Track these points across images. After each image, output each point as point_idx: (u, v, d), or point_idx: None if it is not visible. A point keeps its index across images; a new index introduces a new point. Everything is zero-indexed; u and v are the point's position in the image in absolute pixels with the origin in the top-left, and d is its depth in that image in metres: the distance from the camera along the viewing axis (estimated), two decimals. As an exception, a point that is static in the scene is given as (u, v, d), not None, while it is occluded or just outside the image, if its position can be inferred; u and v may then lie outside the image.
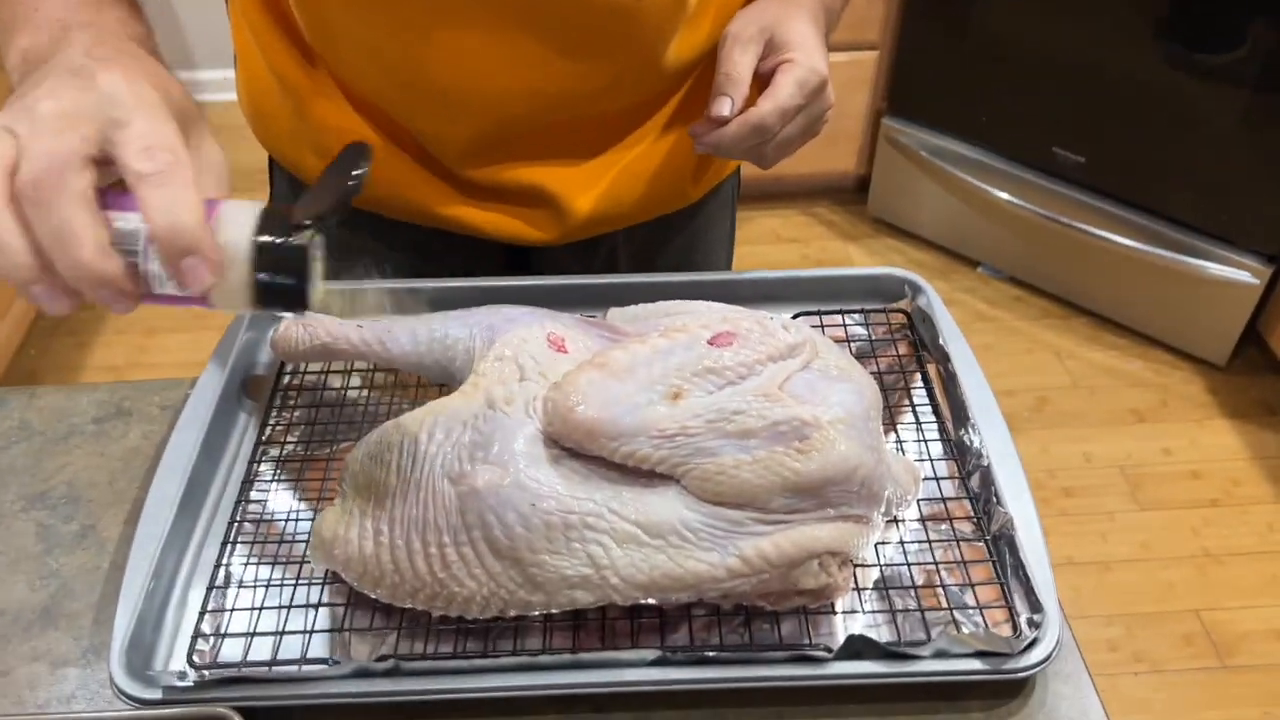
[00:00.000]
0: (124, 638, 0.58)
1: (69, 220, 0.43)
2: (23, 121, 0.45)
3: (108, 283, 0.44)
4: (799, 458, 0.56)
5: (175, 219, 0.44)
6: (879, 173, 2.37)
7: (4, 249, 0.43)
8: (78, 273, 0.44)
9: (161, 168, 0.44)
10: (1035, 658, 0.57)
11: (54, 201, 0.43)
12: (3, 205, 0.43)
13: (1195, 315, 2.05)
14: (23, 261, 0.44)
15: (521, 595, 0.57)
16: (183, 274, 0.45)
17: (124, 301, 0.46)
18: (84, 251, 0.43)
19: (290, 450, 0.71)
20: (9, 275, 0.44)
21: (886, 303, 0.81)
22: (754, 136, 0.71)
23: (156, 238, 0.44)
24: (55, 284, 0.45)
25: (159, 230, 0.44)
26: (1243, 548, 1.78)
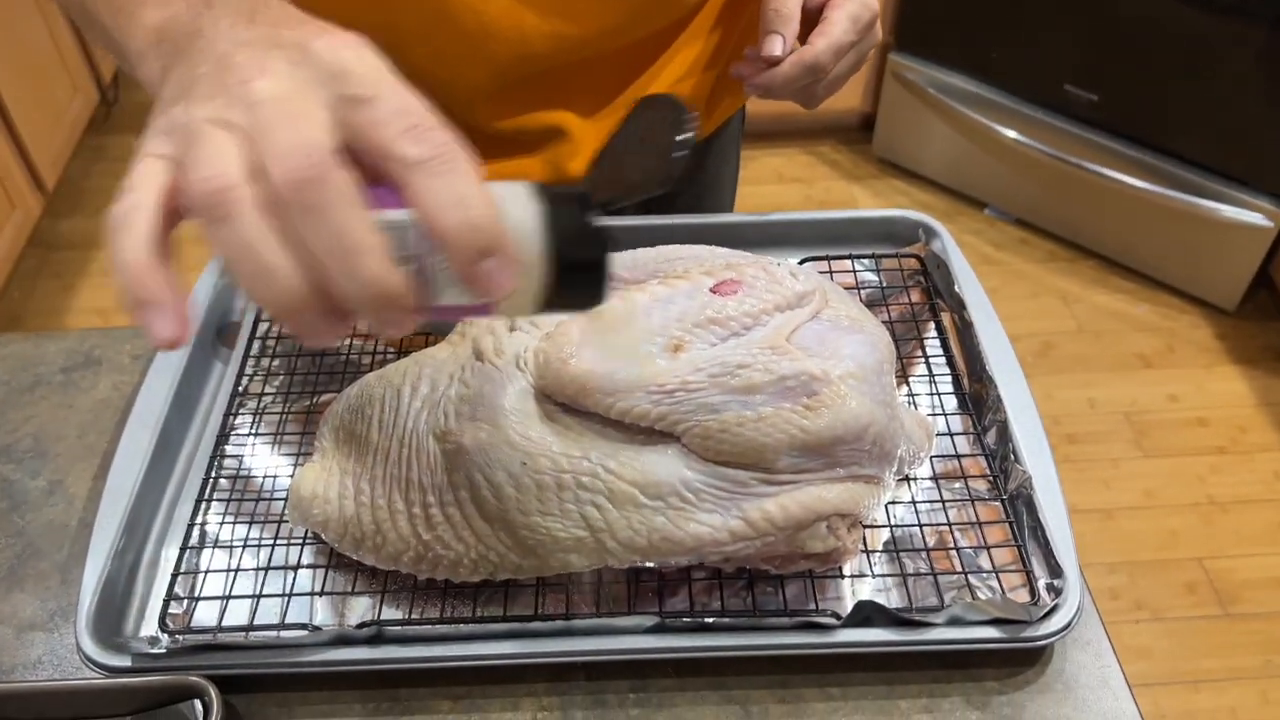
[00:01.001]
0: (92, 601, 0.55)
1: (346, 227, 0.34)
2: (237, 110, 0.36)
3: (392, 300, 0.35)
4: (807, 415, 0.53)
5: (469, 214, 0.35)
6: (885, 111, 2.31)
7: (270, 274, 0.34)
8: (362, 291, 0.35)
9: (436, 151, 0.35)
10: (1054, 625, 0.54)
11: (322, 206, 0.34)
12: (257, 220, 0.34)
13: (1205, 258, 2.01)
14: (293, 286, 0.35)
15: (512, 558, 0.54)
16: (481, 280, 0.36)
17: (406, 320, 0.36)
18: (370, 264, 0.34)
19: (268, 402, 0.68)
20: (275, 305, 0.35)
21: (898, 247, 0.77)
22: (807, 76, 0.68)
23: (447, 239, 0.35)
24: (326, 308, 0.36)
25: (450, 231, 0.35)
26: (1248, 495, 1.76)
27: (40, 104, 2.13)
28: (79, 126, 2.32)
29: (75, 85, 2.29)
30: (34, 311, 2.07)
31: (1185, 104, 1.89)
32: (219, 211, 0.34)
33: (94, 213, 2.29)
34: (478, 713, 0.55)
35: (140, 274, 0.35)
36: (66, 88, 2.26)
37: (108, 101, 2.49)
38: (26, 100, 2.05)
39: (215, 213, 0.34)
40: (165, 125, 0.38)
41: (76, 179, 2.36)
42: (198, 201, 0.35)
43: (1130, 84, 1.94)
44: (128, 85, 2.61)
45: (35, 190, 2.10)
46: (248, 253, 0.34)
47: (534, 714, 0.55)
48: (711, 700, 0.55)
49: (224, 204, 0.34)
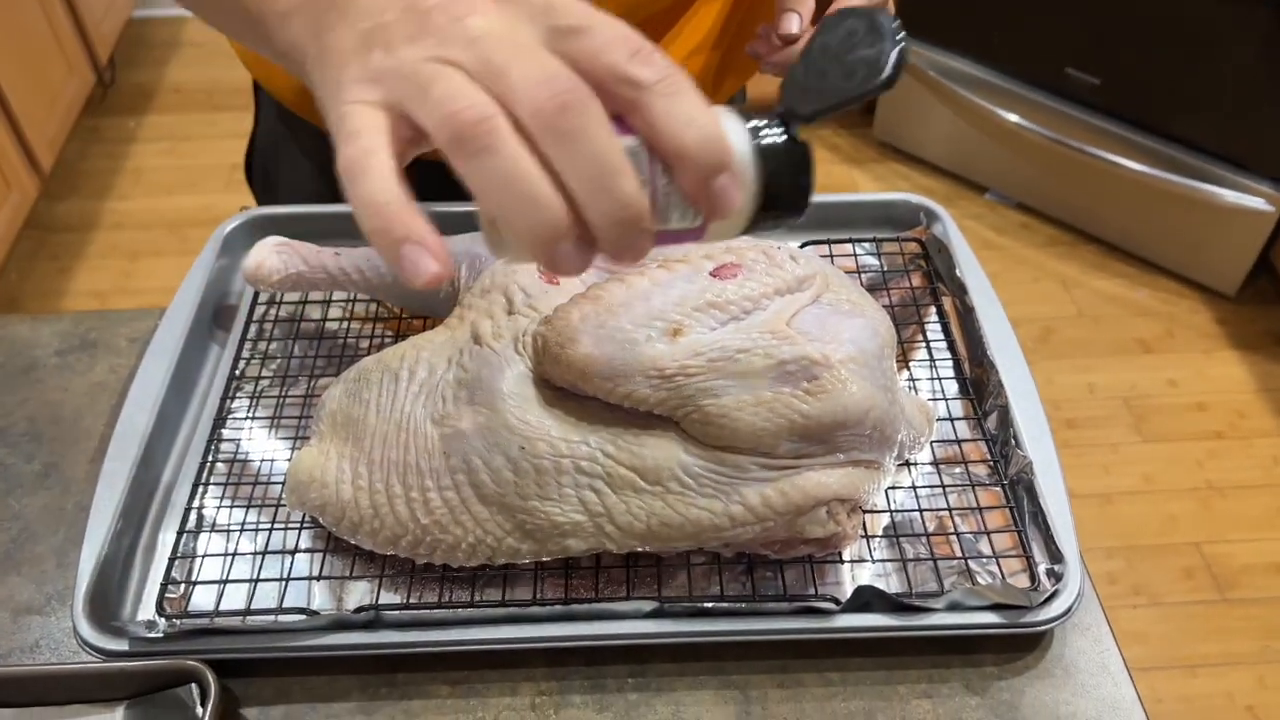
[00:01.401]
0: (88, 585, 0.55)
1: (606, 149, 0.34)
2: (456, 48, 0.36)
3: (640, 222, 0.36)
4: (807, 400, 0.52)
5: (704, 132, 0.36)
6: (886, 94, 2.29)
7: (538, 201, 0.34)
8: (617, 213, 0.35)
9: (665, 73, 0.36)
10: (1054, 611, 0.54)
11: (583, 130, 0.34)
12: (519, 147, 0.34)
13: (1206, 243, 2.00)
14: (559, 213, 0.35)
15: (510, 543, 0.54)
16: (715, 198, 0.37)
17: (646, 244, 0.37)
18: (626, 185, 0.35)
19: (265, 386, 0.67)
20: (540, 234, 0.35)
21: (899, 231, 0.76)
22: None
23: (684, 158, 0.36)
24: (582, 234, 0.36)
25: (689, 148, 0.36)
26: (1246, 481, 1.76)
27: (36, 85, 2.11)
28: (75, 108, 2.30)
29: (71, 66, 2.28)
30: (31, 294, 2.06)
31: (1187, 88, 1.88)
32: (480, 143, 0.34)
33: (90, 195, 2.28)
34: (476, 697, 0.55)
35: (396, 213, 0.35)
36: (62, 69, 2.25)
37: (104, 83, 2.48)
38: (22, 81, 2.04)
39: (475, 144, 0.34)
40: (366, 73, 0.37)
41: (73, 161, 2.34)
42: (455, 135, 0.34)
43: (1132, 68, 1.92)
44: (124, 66, 2.60)
45: (31, 172, 2.09)
46: (512, 182, 0.34)
47: (532, 699, 0.55)
48: (710, 685, 0.55)
49: (484, 134, 0.34)
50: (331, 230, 0.75)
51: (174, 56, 2.66)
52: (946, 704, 0.54)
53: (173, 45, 2.69)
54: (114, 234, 2.20)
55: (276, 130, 0.84)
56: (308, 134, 0.82)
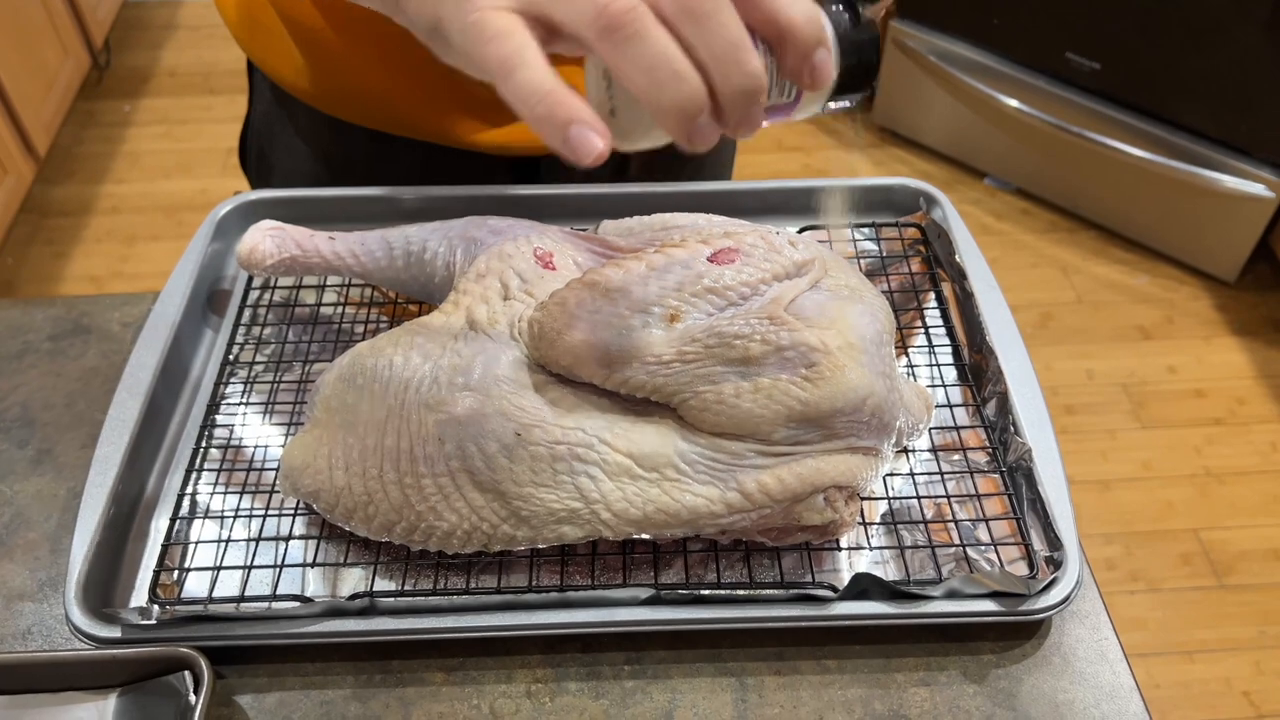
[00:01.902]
0: (81, 571, 0.55)
1: (735, 30, 0.39)
2: None
3: (760, 96, 0.40)
4: (805, 386, 0.52)
5: (808, 10, 0.40)
6: (885, 79, 2.28)
7: (683, 80, 0.38)
8: (745, 85, 0.39)
9: None
10: (1053, 598, 0.54)
11: (715, 12, 0.39)
12: (663, 32, 0.38)
13: (1206, 229, 2.00)
14: (698, 89, 0.39)
15: (505, 530, 0.53)
16: (815, 70, 0.42)
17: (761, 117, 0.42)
18: (754, 60, 0.39)
19: (259, 371, 0.67)
20: (683, 108, 0.39)
21: (898, 216, 0.75)
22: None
23: (794, 33, 0.40)
24: (714, 109, 0.40)
25: (798, 25, 0.40)
26: (1245, 467, 1.76)
27: (31, 69, 2.10)
28: (70, 91, 2.29)
29: (66, 49, 2.26)
30: (26, 279, 2.06)
31: (1188, 73, 1.87)
32: (628, 30, 0.38)
33: (86, 179, 2.27)
34: (471, 684, 0.54)
35: (560, 98, 0.39)
36: (57, 52, 2.23)
37: (99, 66, 2.46)
38: (17, 65, 2.03)
39: (625, 32, 0.38)
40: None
41: (68, 145, 2.33)
42: (607, 25, 0.38)
43: (1133, 52, 1.91)
44: (120, 49, 2.58)
45: (27, 156, 2.08)
46: (661, 62, 0.38)
47: (528, 686, 0.54)
48: (707, 672, 0.55)
49: (632, 23, 0.38)
50: (326, 214, 0.75)
51: (169, 40, 2.65)
52: (944, 692, 0.54)
53: (168, 28, 2.68)
54: (110, 218, 2.19)
55: (271, 113, 0.84)
56: (303, 115, 0.81)
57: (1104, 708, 0.53)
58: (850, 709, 0.53)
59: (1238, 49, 1.80)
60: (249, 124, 0.88)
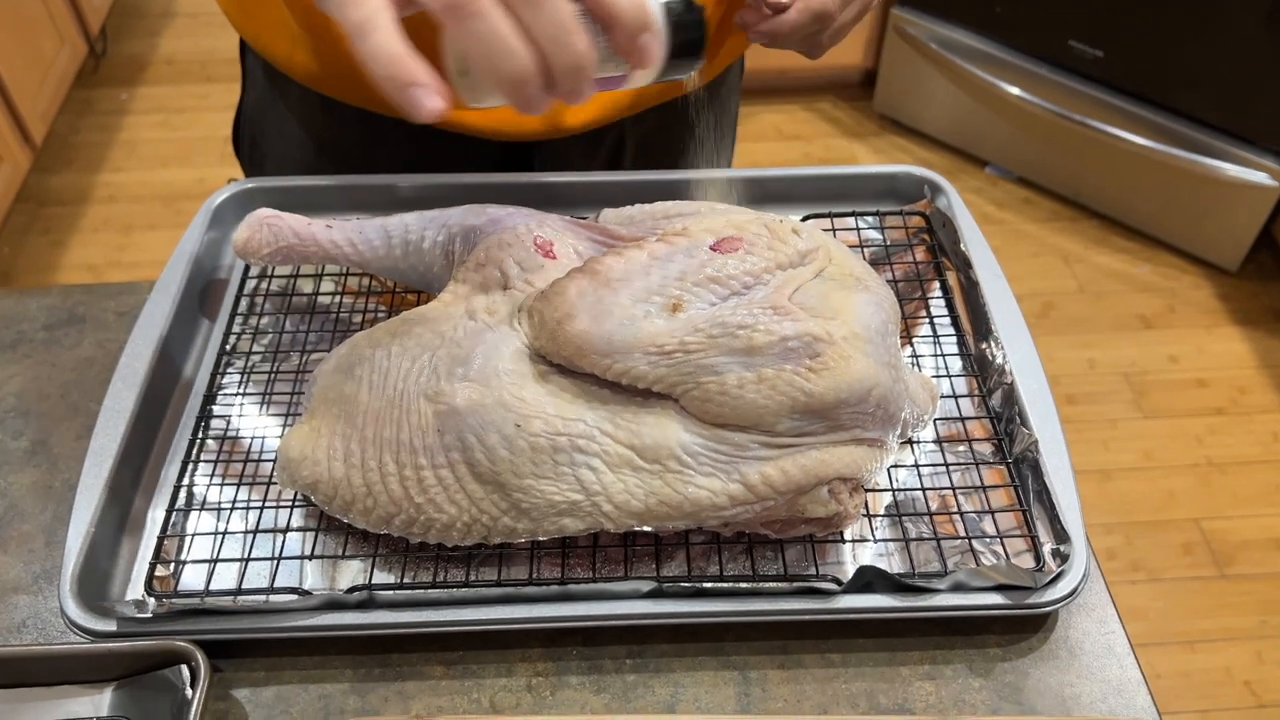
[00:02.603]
0: (76, 564, 0.54)
1: (563, 13, 0.44)
2: None
3: (588, 71, 0.45)
4: (810, 377, 0.51)
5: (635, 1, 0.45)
6: (886, 67, 2.27)
7: (514, 55, 0.43)
8: (572, 63, 0.44)
9: None
10: (1060, 592, 0.53)
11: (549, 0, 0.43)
12: (500, 11, 0.43)
13: (1208, 218, 1.99)
14: (529, 63, 0.44)
15: (505, 522, 0.53)
16: (641, 51, 0.47)
17: (590, 89, 0.46)
18: (581, 41, 0.44)
19: (256, 361, 0.66)
20: (515, 79, 0.44)
21: (903, 204, 0.75)
22: (814, 24, 0.65)
23: (620, 19, 0.46)
24: (544, 81, 0.45)
25: (622, 11, 0.45)
26: (1246, 457, 1.75)
27: (27, 57, 2.09)
28: (67, 79, 2.27)
29: (62, 37, 2.25)
30: (23, 269, 2.05)
31: (1190, 61, 1.86)
32: (469, 9, 0.42)
33: (83, 168, 2.26)
34: (471, 678, 0.54)
35: (401, 60, 0.43)
36: (54, 40, 2.22)
37: (95, 54, 2.45)
38: (13, 53, 2.01)
39: (465, 10, 0.42)
40: None
41: (65, 134, 2.32)
42: (448, 3, 0.42)
43: (1135, 40, 1.90)
44: (116, 37, 2.56)
45: (23, 144, 2.07)
46: (494, 39, 0.43)
47: (528, 679, 0.54)
48: (709, 666, 0.54)
49: (470, 4, 0.42)
50: (323, 203, 0.74)
51: (166, 27, 2.63)
52: (949, 686, 0.53)
53: (165, 16, 2.66)
54: (107, 207, 2.18)
55: (264, 98, 0.83)
56: (295, 99, 0.80)
57: (1111, 701, 0.53)
58: (855, 703, 0.53)
59: (1240, 37, 1.78)
60: (242, 111, 0.87)
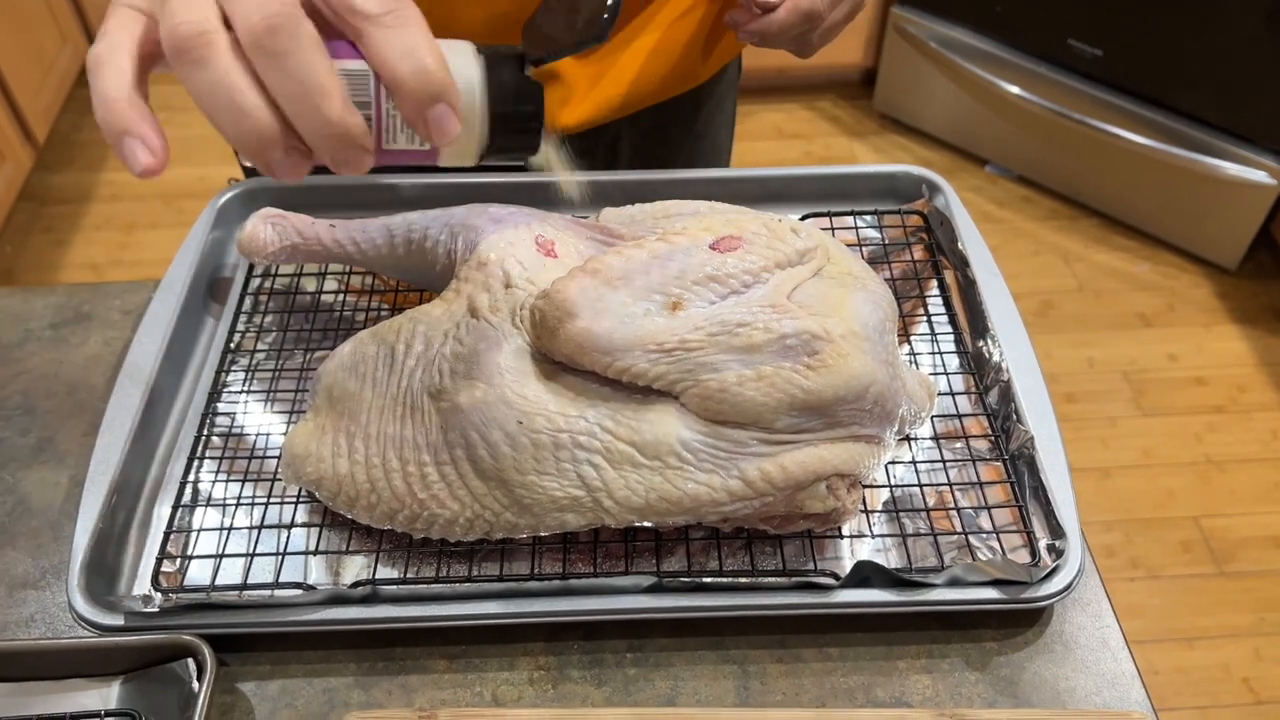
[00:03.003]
0: (83, 559, 0.55)
1: (312, 71, 0.37)
2: None
3: (351, 140, 0.39)
4: (808, 374, 0.52)
5: (420, 64, 0.39)
6: (886, 66, 2.27)
7: (244, 111, 0.38)
8: (324, 130, 0.38)
9: (390, 6, 0.39)
10: (1055, 586, 0.54)
11: (292, 51, 0.37)
12: (231, 62, 0.37)
13: (1208, 216, 1.99)
14: (265, 124, 0.38)
15: (508, 518, 0.53)
16: (430, 125, 0.40)
17: (363, 160, 0.41)
18: (333, 105, 0.38)
19: (260, 359, 0.67)
20: (247, 142, 0.39)
21: (901, 203, 0.75)
22: (803, 23, 0.66)
23: (400, 87, 0.39)
24: (293, 146, 0.39)
25: (404, 78, 0.39)
26: (1245, 455, 1.76)
27: (29, 55, 2.09)
28: (69, 78, 2.28)
29: (64, 36, 2.26)
30: (25, 267, 2.05)
31: (1190, 60, 1.86)
32: (195, 55, 0.37)
33: (85, 167, 2.27)
34: (473, 672, 0.54)
35: (121, 108, 0.39)
36: (55, 38, 2.22)
37: (98, 53, 2.45)
38: (15, 51, 2.02)
39: (191, 55, 0.37)
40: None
41: (67, 132, 2.33)
42: (175, 46, 0.37)
43: (1135, 39, 1.91)
44: (118, 36, 2.57)
45: (26, 143, 2.08)
46: (221, 92, 0.37)
47: (530, 673, 0.54)
48: (709, 660, 0.55)
49: (199, 48, 0.37)
50: (327, 202, 0.75)
51: (168, 26, 2.64)
52: (946, 679, 0.54)
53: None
54: (109, 206, 2.18)
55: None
56: None
57: (1105, 695, 0.53)
58: (852, 696, 0.53)
59: (1240, 36, 1.79)
60: None
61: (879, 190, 0.76)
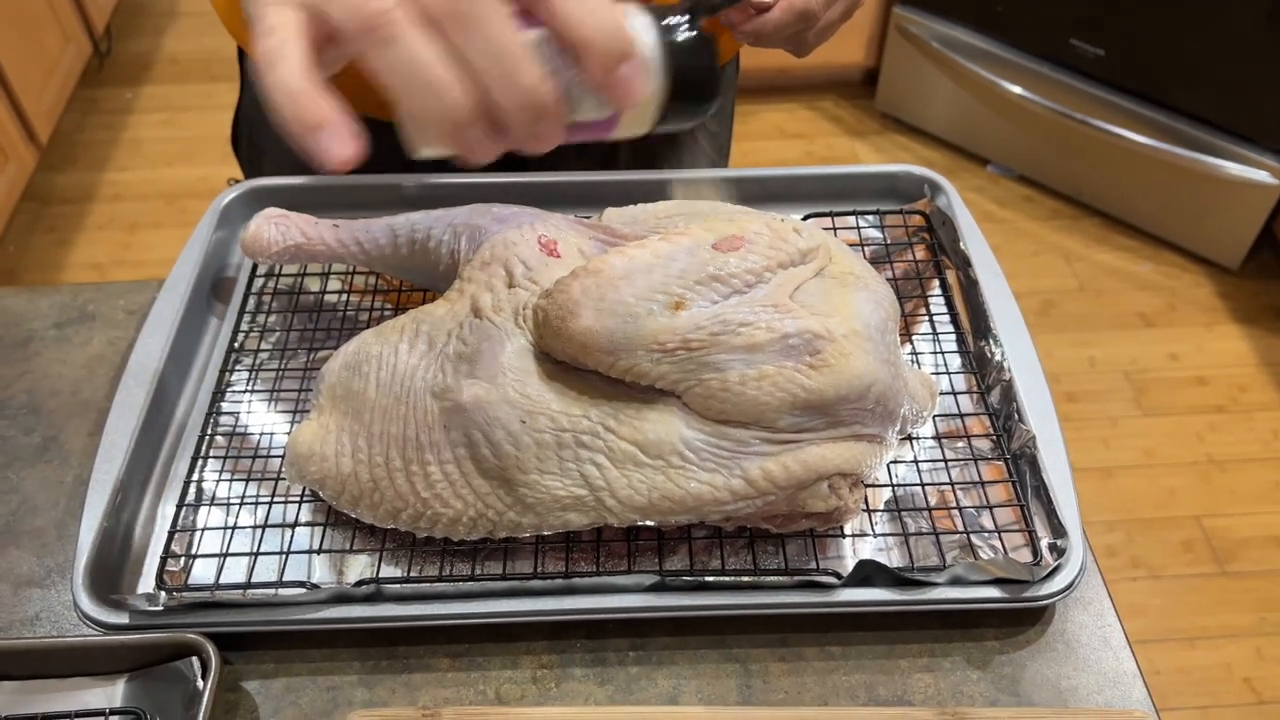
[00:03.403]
0: (88, 558, 0.55)
1: (504, 38, 0.36)
2: None
3: (545, 109, 0.38)
4: (810, 374, 0.52)
5: (608, 24, 0.37)
6: (888, 65, 2.28)
7: (441, 89, 0.36)
8: (521, 99, 0.37)
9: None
10: (1057, 585, 0.54)
11: (481, 19, 0.36)
12: (420, 37, 0.36)
13: (1209, 216, 1.99)
14: (461, 100, 0.36)
15: (511, 516, 0.54)
16: (619, 86, 0.39)
17: (556, 133, 0.39)
18: (528, 72, 0.37)
19: (264, 359, 0.67)
20: (441, 120, 0.37)
21: (903, 203, 0.75)
22: (798, 22, 0.65)
23: (588, 47, 0.38)
24: (488, 121, 0.38)
25: (591, 38, 0.37)
26: (1246, 455, 1.76)
27: (32, 55, 2.09)
28: (72, 78, 2.28)
29: (67, 36, 2.26)
30: (28, 266, 2.06)
31: (1192, 60, 1.86)
32: (382, 33, 0.35)
33: (88, 167, 2.27)
34: (477, 670, 0.55)
35: (308, 99, 0.37)
36: (58, 38, 2.23)
37: (100, 53, 2.46)
38: (18, 51, 2.02)
39: (378, 34, 0.36)
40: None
41: (70, 132, 2.33)
42: (358, 28, 0.36)
43: (1137, 39, 1.91)
44: (121, 36, 2.57)
45: (29, 143, 2.08)
46: (415, 69, 0.36)
47: (533, 672, 0.55)
48: (711, 659, 0.55)
49: (385, 25, 0.35)
50: (330, 202, 0.75)
51: (171, 26, 2.64)
52: (948, 678, 0.54)
53: (170, 15, 2.67)
54: (112, 206, 2.19)
55: (261, 99, 0.84)
56: None
57: (1107, 693, 0.54)
58: (854, 694, 0.54)
59: (1242, 35, 1.79)
60: (240, 110, 0.88)
61: (881, 190, 0.76)
